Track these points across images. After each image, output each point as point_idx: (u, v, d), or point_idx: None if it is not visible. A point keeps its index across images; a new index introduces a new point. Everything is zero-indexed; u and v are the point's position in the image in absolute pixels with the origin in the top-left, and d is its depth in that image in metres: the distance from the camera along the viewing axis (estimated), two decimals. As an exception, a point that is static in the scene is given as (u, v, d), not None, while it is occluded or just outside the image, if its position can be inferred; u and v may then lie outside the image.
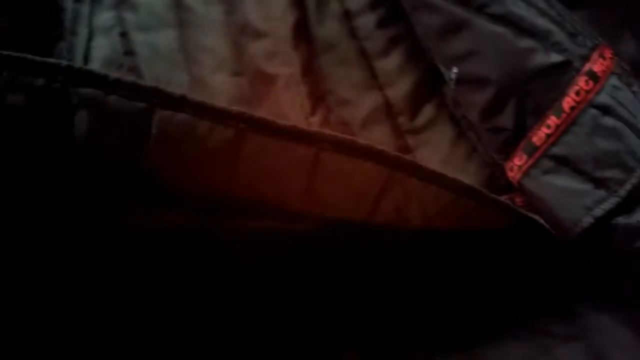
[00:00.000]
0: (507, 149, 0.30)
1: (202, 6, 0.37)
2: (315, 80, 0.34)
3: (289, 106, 0.33)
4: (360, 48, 0.36)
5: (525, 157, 0.29)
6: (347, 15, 0.36)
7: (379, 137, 0.34)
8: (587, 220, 0.27)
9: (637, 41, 0.33)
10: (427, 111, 0.34)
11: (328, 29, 0.36)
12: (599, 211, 0.27)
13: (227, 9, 0.37)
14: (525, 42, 0.29)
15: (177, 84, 0.35)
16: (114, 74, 0.23)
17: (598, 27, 0.33)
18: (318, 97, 0.34)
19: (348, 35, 0.36)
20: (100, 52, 0.35)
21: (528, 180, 0.29)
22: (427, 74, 0.35)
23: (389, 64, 0.35)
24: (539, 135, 0.29)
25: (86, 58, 0.34)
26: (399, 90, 0.35)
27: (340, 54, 0.36)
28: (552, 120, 0.29)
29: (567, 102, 0.28)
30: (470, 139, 0.33)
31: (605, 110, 0.28)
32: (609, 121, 0.28)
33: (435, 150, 0.33)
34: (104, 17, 0.36)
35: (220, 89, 0.35)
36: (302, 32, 0.35)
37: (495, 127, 0.30)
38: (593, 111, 0.28)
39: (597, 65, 0.29)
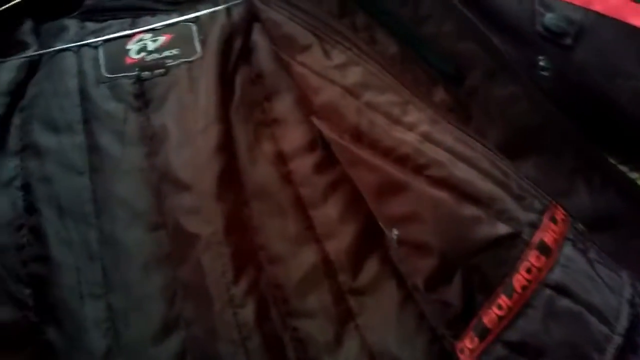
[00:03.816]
0: (457, 326, 0.27)
1: (118, 149, 0.33)
2: (242, 236, 0.31)
3: (210, 272, 0.29)
4: (296, 195, 0.32)
5: (476, 339, 0.26)
6: (282, 158, 0.33)
7: (317, 304, 0.30)
8: None
9: (591, 191, 0.31)
10: (370, 267, 0.31)
11: (260, 173, 0.32)
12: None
13: (147, 151, 0.33)
14: (469, 210, 0.26)
15: (84, 242, 0.30)
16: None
17: (548, 177, 0.31)
18: (245, 256, 0.30)
19: (282, 180, 0.32)
20: (-1, 210, 0.31)
21: (481, 369, 0.26)
22: (369, 223, 0.31)
23: (328, 212, 0.31)
24: (490, 317, 0.25)
25: None
26: (339, 243, 0.31)
27: (274, 202, 0.32)
28: (504, 300, 0.25)
29: (518, 281, 0.25)
30: (418, 303, 0.29)
31: (560, 290, 0.25)
32: (565, 303, 0.25)
33: (382, 317, 0.29)
34: (5, 167, 0.32)
35: (134, 246, 0.31)
36: (229, 181, 0.31)
37: (443, 300, 0.27)
38: (547, 292, 0.25)
39: (548, 235, 0.26)
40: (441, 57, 0.31)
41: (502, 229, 0.26)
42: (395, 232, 0.28)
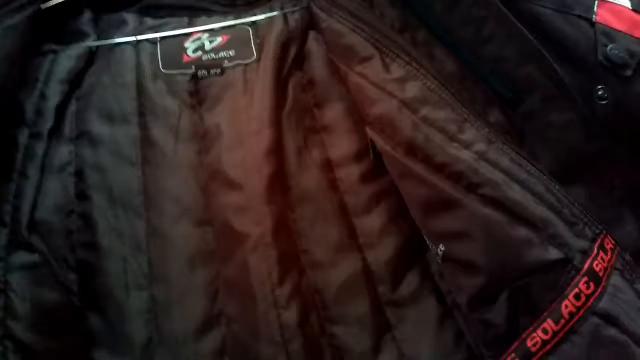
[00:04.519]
0: (498, 347, 0.27)
1: (172, 143, 0.33)
2: (287, 239, 0.31)
3: (256, 272, 0.29)
4: (341, 202, 0.32)
5: (518, 361, 0.26)
6: (329, 165, 0.33)
7: (355, 312, 0.30)
8: None
9: (637, 222, 0.31)
10: (410, 281, 0.31)
11: (307, 178, 0.33)
12: None
13: (199, 149, 0.34)
14: (520, 232, 0.26)
15: (133, 233, 0.31)
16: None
17: (596, 205, 0.31)
18: (289, 259, 0.30)
19: (328, 187, 0.33)
20: (50, 197, 0.31)
21: (522, 392, 0.26)
22: (411, 236, 0.32)
23: (371, 222, 0.32)
24: (535, 340, 0.25)
25: (34, 204, 0.30)
26: (381, 253, 0.31)
27: (319, 207, 0.32)
28: (550, 324, 0.25)
29: (566, 307, 0.25)
30: (458, 321, 0.30)
31: (607, 318, 0.25)
32: (611, 332, 0.25)
33: (419, 332, 0.30)
34: (60, 152, 0.32)
35: (180, 241, 0.31)
36: (278, 184, 0.32)
37: (485, 320, 0.27)
38: (594, 319, 0.25)
39: (597, 263, 0.26)
40: (500, 78, 0.31)
41: (554, 253, 0.26)
42: (441, 247, 0.29)
